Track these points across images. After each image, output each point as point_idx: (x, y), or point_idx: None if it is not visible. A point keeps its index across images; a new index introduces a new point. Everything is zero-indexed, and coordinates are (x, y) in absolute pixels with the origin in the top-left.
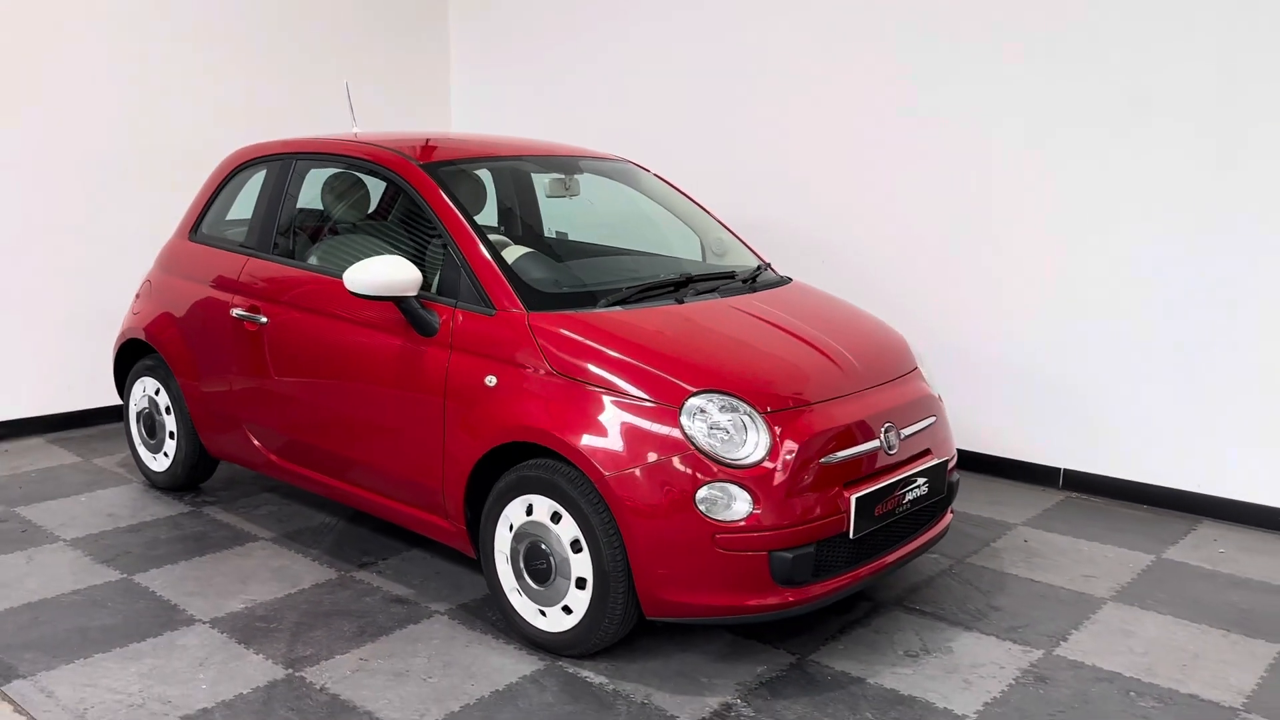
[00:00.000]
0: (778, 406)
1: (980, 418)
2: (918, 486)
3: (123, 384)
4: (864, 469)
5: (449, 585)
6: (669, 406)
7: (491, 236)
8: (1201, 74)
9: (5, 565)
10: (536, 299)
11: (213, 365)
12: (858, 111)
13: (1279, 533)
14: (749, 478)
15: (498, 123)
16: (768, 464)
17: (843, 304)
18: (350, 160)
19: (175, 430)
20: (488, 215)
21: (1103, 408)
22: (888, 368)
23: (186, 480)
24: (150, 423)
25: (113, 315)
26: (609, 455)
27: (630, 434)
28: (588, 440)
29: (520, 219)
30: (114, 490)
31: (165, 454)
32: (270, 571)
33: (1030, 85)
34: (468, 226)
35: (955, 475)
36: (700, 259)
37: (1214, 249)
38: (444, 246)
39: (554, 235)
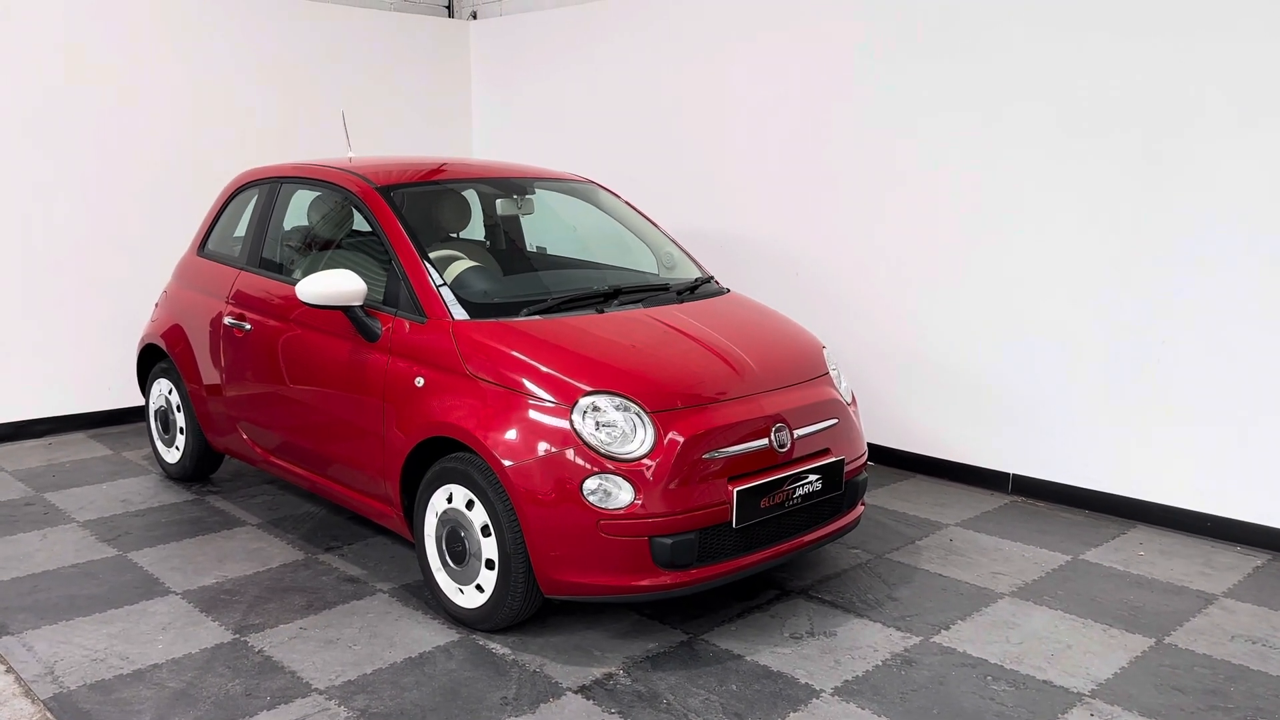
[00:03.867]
0: (665, 406)
1: (935, 423)
2: (810, 482)
3: (145, 385)
4: (750, 465)
5: (399, 568)
6: (563, 405)
7: (444, 252)
8: (1134, 92)
9: (22, 542)
10: (465, 308)
11: (211, 368)
12: (811, 132)
13: (1205, 537)
14: (632, 471)
15: (518, 147)
16: (651, 459)
17: (768, 314)
18: (321, 184)
19: (184, 426)
20: (474, 230)
21: (1050, 416)
22: (789, 373)
23: (195, 472)
24: (165, 420)
25: (146, 323)
26: (510, 448)
27: (529, 429)
28: (493, 435)
29: (504, 235)
30: (133, 480)
31: (177, 448)
32: (246, 552)
33: (976, 105)
34: (408, 242)
35: (864, 474)
36: (656, 272)
37: (1153, 265)
38: (389, 260)
39: (535, 250)
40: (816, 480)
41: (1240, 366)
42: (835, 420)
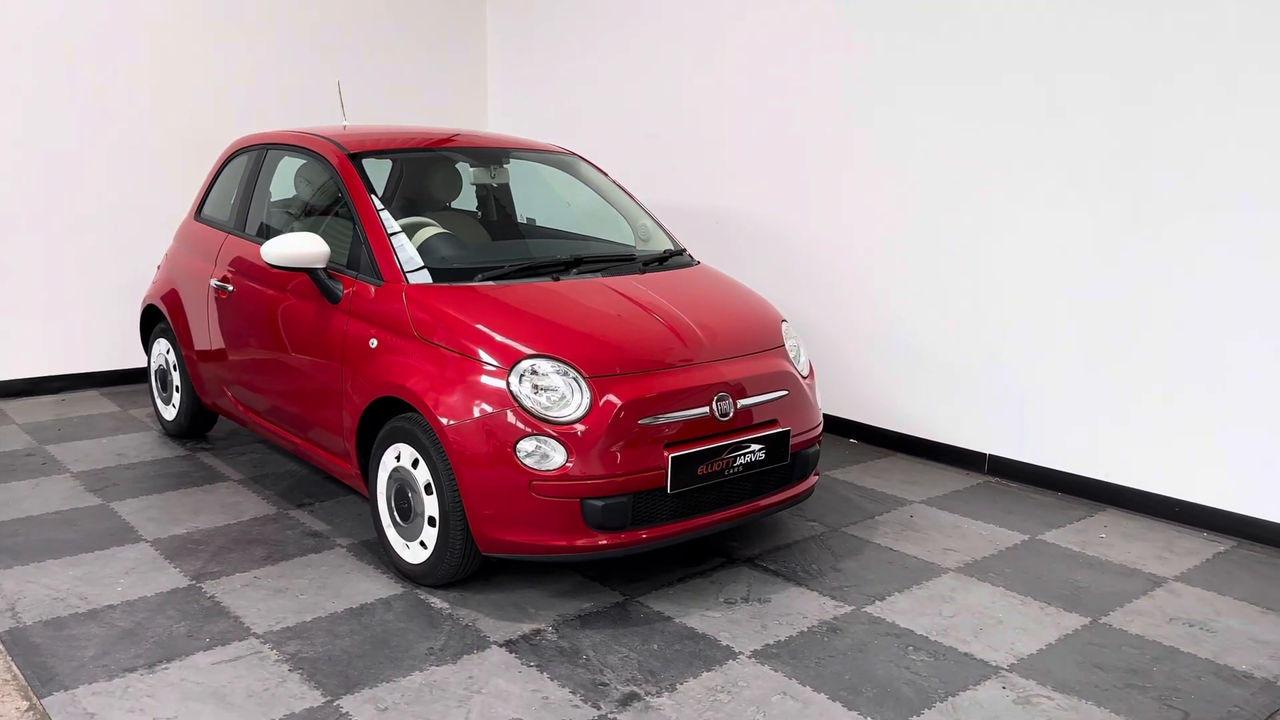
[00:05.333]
0: (601, 372)
1: (915, 402)
2: (752, 452)
3: (147, 344)
4: (690, 433)
5: (361, 525)
6: (502, 367)
7: (414, 219)
8: (1114, 73)
9: (14, 489)
10: (421, 273)
11: (201, 329)
12: (794, 109)
13: (1172, 523)
14: (565, 433)
15: (533, 121)
16: (584, 423)
17: (730, 287)
18: (301, 150)
19: (180, 385)
20: (465, 200)
21: (1026, 397)
22: (739, 344)
23: (190, 429)
24: (164, 378)
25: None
26: (450, 408)
27: (469, 391)
28: (435, 395)
29: (485, 204)
30: (133, 435)
31: (173, 406)
32: (222, 506)
33: (955, 79)
34: (370, 206)
35: (815, 446)
36: (633, 243)
37: (1131, 246)
38: (353, 224)
39: (524, 221)
40: (759, 450)
41: (1215, 352)
42: (785, 392)
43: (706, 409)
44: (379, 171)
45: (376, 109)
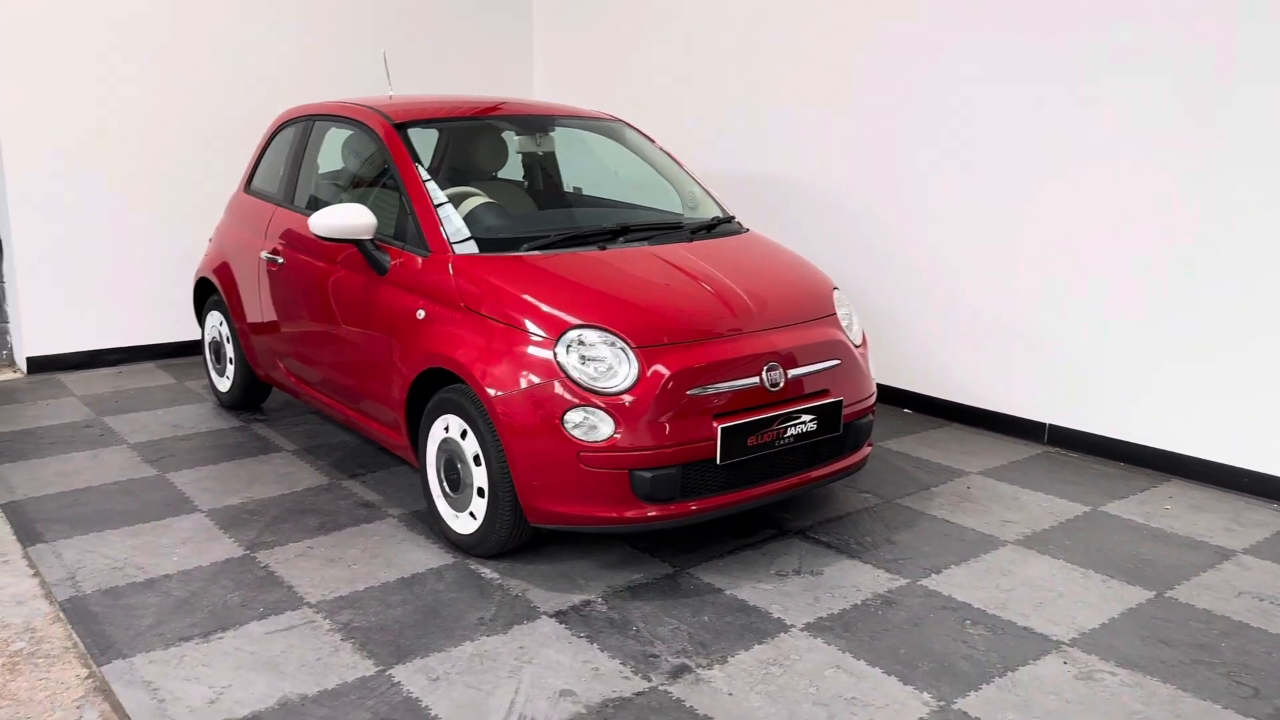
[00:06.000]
0: (650, 342)
1: (972, 371)
2: (803, 423)
3: (201, 316)
4: (740, 403)
5: (412, 496)
6: (549, 338)
7: (459, 189)
8: (1186, 29)
9: (75, 460)
10: (468, 244)
11: (253, 302)
12: (853, 67)
13: (1240, 494)
14: (613, 404)
15: (580, 88)
16: (632, 393)
17: (780, 255)
18: (347, 120)
19: (233, 358)
20: (511, 170)
21: (1088, 365)
22: (790, 312)
23: (244, 400)
24: (218, 350)
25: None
26: (497, 379)
27: (517, 362)
28: (483, 366)
29: (532, 173)
30: (188, 407)
31: (227, 377)
32: (276, 476)
33: (1021, 42)
34: (417, 176)
35: (869, 416)
36: (681, 211)
37: (1195, 210)
38: (399, 194)
39: (571, 190)
40: (811, 421)
41: None
42: (837, 361)
43: (756, 379)
44: (425, 141)
45: (422, 79)
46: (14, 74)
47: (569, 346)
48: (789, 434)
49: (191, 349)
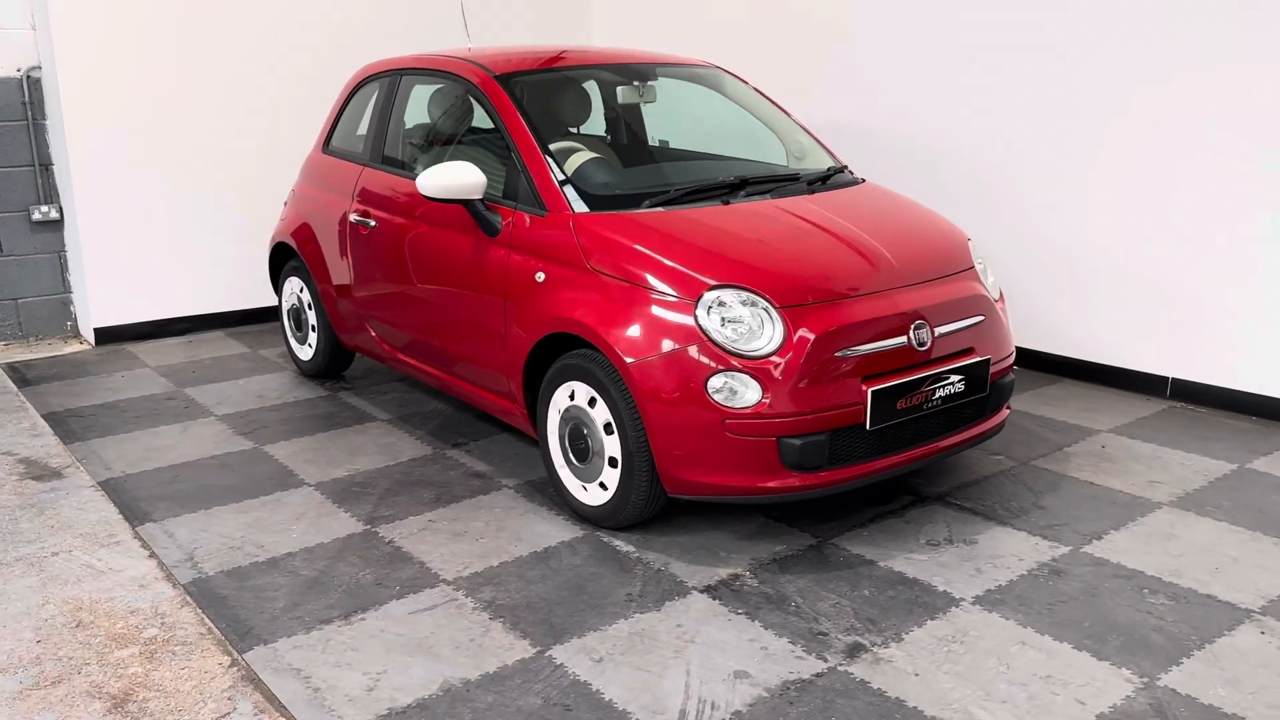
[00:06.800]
0: (795, 301)
1: (1086, 324)
2: (951, 384)
3: (277, 283)
4: (886, 364)
5: (523, 465)
6: (687, 300)
7: (565, 143)
8: None
9: (165, 434)
10: (585, 201)
11: (339, 266)
12: (957, 12)
13: None
14: (759, 368)
15: (640, 35)
16: (779, 356)
17: (907, 205)
18: (440, 74)
19: (316, 325)
20: (594, 124)
21: (1212, 314)
22: (930, 267)
23: (328, 369)
24: (298, 317)
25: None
26: (632, 344)
27: (652, 325)
28: (615, 331)
29: (626, 126)
30: (268, 376)
31: (309, 345)
32: (377, 447)
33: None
34: (528, 132)
35: (1010, 375)
36: (785, 162)
37: None
38: (509, 152)
39: (657, 143)
40: (959, 381)
41: None
42: (981, 318)
43: (905, 339)
44: (531, 95)
45: (474, 26)
46: (78, 40)
47: (709, 308)
48: (937, 396)
49: (262, 316)
